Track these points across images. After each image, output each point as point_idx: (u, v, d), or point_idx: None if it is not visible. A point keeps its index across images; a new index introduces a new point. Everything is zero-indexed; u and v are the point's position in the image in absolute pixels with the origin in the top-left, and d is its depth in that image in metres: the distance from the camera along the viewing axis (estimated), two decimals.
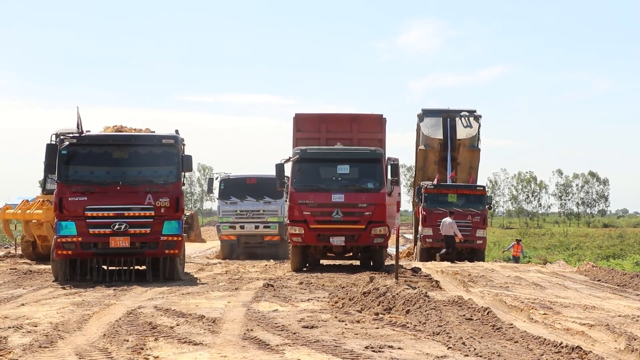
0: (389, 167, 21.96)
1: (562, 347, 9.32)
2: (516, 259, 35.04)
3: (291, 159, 22.15)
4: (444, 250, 29.81)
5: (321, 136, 26.03)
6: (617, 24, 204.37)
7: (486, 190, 32.64)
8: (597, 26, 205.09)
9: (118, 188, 18.15)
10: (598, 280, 20.18)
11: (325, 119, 26.75)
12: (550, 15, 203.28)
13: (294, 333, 10.40)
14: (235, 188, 32.41)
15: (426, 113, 35.21)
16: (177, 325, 11.09)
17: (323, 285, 17.18)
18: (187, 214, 29.97)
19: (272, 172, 22.69)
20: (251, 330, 10.57)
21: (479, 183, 34.26)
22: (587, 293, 16.92)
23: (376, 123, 26.52)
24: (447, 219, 29.77)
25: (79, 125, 18.24)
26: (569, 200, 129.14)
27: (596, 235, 66.18)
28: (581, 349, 9.22)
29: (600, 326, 11.39)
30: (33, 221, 25.12)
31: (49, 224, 25.05)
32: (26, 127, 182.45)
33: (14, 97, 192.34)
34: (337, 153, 22.42)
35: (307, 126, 26.26)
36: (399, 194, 31.11)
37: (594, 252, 48.18)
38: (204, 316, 11.83)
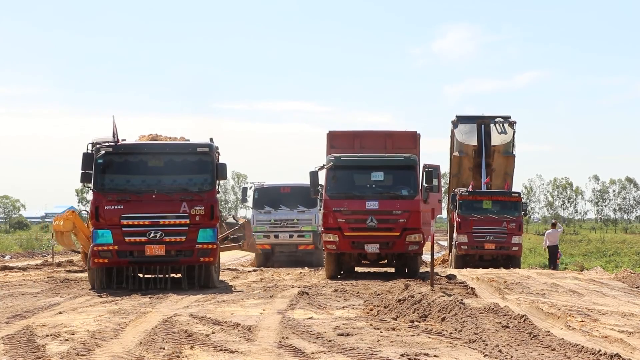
0: (424, 174, 21.90)
1: (601, 355, 9.22)
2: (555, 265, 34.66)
3: (325, 167, 22.18)
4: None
5: (355, 152, 26.01)
6: None
7: (521, 196, 32.43)
8: (634, 29, 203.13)
9: (153, 196, 18.27)
10: (636, 287, 19.94)
11: (359, 136, 26.68)
12: (586, 20, 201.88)
13: (329, 341, 10.39)
14: (269, 197, 32.45)
15: (460, 119, 35.05)
16: (213, 333, 11.13)
17: (358, 292, 17.15)
18: (240, 222, 29.82)
19: (306, 179, 22.71)
20: (286, 338, 10.58)
21: (514, 189, 34.05)
22: (625, 300, 16.73)
23: (410, 139, 26.39)
24: (553, 230, 32.33)
25: (114, 134, 18.40)
26: (605, 206, 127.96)
27: (634, 242, 65.44)
28: (620, 356, 9.12)
29: (639, 333, 11.25)
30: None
31: (69, 233, 26.03)
32: (63, 135, 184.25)
33: (51, 106, 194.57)
34: (371, 160, 22.40)
35: (340, 142, 26.14)
36: (439, 200, 30.97)
37: (632, 258, 47.69)
38: (240, 324, 11.85)
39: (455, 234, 31.67)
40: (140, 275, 18.48)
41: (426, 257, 27.39)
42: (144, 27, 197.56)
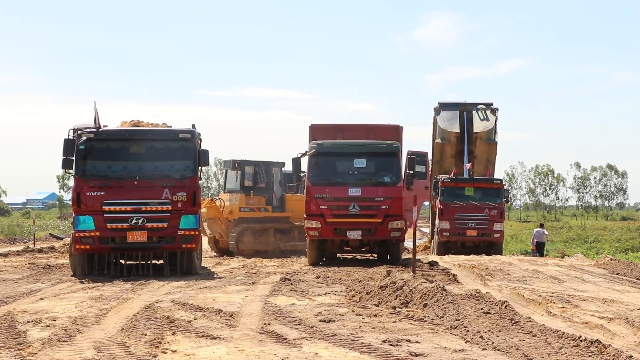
0: (407, 160, 21.93)
1: (581, 341, 9.28)
2: (535, 253, 34.85)
3: (308, 153, 22.15)
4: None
5: None
6: (637, 17, 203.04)
7: (503, 183, 32.47)
8: (617, 18, 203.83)
9: (135, 183, 18.21)
10: (617, 274, 20.08)
11: (341, 129, 26.59)
12: (569, 8, 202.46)
13: (311, 327, 10.40)
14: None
15: (443, 106, 35.03)
16: (195, 319, 11.12)
17: (340, 279, 17.17)
18: None
19: (289, 166, 22.69)
20: (268, 324, 10.58)
21: (496, 176, 34.09)
22: (605, 286, 16.84)
23: (393, 132, 26.35)
24: (541, 229, 35.41)
25: (96, 120, 18.30)
26: (586, 193, 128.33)
27: (614, 229, 65.75)
28: (600, 342, 9.18)
29: (619, 319, 11.34)
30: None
31: (211, 220, 27.49)
32: (45, 122, 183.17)
33: (33, 93, 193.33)
34: (353, 147, 22.39)
35: (323, 136, 26.09)
36: (426, 187, 30.91)
37: (612, 245, 47.97)
38: (222, 310, 11.85)
39: (437, 221, 31.71)
40: (122, 261, 18.42)
41: (408, 244, 27.47)
42: (126, 15, 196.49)
